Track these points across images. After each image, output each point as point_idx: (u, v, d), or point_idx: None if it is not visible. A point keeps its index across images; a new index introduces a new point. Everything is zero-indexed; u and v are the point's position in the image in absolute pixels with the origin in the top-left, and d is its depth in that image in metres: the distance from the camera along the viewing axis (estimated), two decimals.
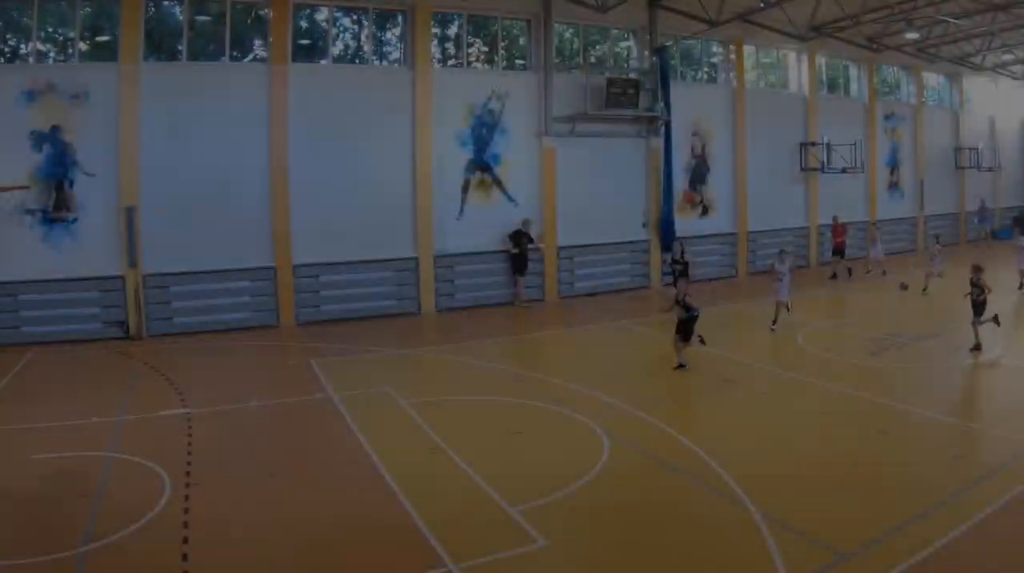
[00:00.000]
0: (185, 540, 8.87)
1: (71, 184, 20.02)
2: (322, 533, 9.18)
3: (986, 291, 17.24)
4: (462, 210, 24.54)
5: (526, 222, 24.78)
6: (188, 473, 10.95)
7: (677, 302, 16.06)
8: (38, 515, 9.70)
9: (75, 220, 20.11)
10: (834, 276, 28.94)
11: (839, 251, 29.36)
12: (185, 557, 8.52)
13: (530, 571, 8.38)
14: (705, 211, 29.54)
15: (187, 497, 10.10)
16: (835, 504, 9.64)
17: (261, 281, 21.93)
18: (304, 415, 14.04)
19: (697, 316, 15.88)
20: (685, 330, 15.94)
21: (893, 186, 36.18)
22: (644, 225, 27.74)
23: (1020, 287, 24.69)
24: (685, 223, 28.49)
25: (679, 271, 23.12)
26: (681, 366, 16.07)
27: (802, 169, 31.91)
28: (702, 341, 16.32)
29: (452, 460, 11.34)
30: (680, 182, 28.54)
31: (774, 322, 19.86)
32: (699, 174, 29.26)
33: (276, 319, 21.95)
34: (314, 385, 15.68)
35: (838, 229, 29.57)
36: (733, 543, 8.72)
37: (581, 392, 14.81)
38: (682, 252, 24.42)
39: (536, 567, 8.41)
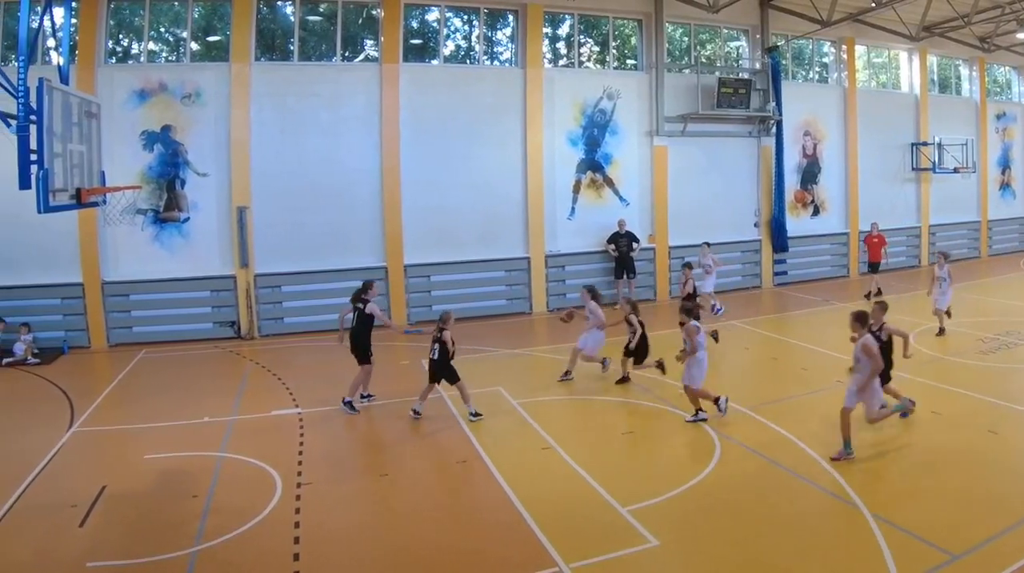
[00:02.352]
0: (296, 540, 8.23)
1: (182, 184, 17.83)
2: (433, 532, 8.46)
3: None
4: (573, 210, 21.64)
5: (621, 222, 21.63)
6: (299, 473, 10.09)
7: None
8: (151, 515, 8.91)
9: (186, 220, 17.97)
10: (878, 293, 21.77)
11: (874, 264, 23.29)
12: (296, 557, 7.87)
13: (642, 571, 7.65)
14: (817, 211, 25.75)
15: (298, 497, 9.31)
16: (946, 504, 8.73)
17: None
18: None
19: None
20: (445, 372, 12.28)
21: (1005, 186, 31.39)
22: (756, 225, 24.32)
23: (939, 333, 17.30)
24: (797, 223, 24.94)
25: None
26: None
27: (913, 169, 27.81)
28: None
29: (563, 460, 10.42)
30: (791, 182, 25.03)
31: None
32: (810, 174, 25.48)
33: (387, 319, 20.26)
34: (425, 385, 13.61)
35: (875, 240, 23.27)
36: (844, 542, 7.98)
37: None
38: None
39: (648, 567, 7.70)
